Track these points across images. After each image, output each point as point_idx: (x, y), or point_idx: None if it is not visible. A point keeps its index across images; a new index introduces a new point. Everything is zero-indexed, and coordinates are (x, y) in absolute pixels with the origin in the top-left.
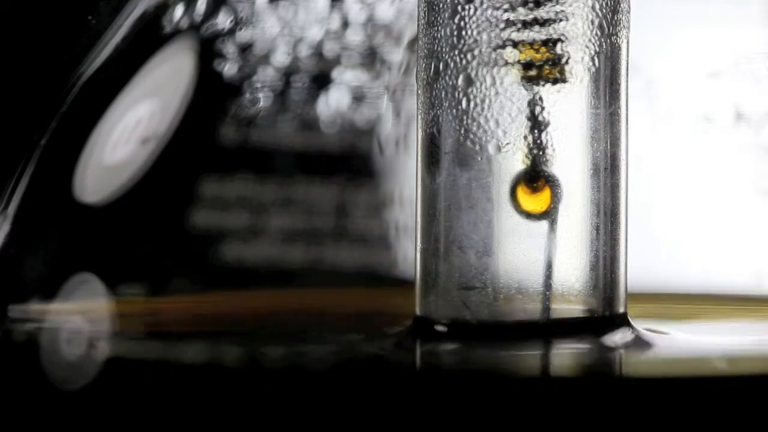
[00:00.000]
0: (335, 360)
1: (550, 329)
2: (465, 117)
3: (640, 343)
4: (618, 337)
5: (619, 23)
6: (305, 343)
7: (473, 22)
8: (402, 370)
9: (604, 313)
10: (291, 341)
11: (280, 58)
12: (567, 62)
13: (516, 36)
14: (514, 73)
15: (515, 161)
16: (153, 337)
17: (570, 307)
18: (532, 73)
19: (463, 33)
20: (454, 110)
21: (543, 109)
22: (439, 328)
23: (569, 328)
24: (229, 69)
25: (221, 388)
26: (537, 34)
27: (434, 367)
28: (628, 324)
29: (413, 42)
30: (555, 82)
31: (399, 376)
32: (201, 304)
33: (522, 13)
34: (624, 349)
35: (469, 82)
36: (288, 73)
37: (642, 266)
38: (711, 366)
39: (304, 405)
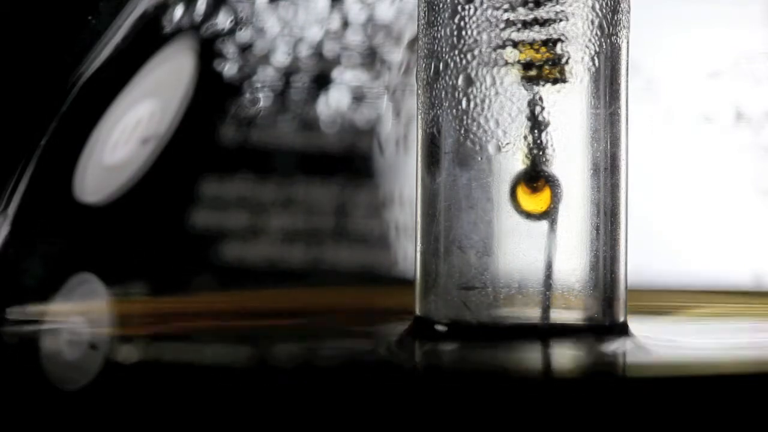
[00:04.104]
0: (335, 360)
1: (549, 329)
2: (465, 117)
3: (638, 343)
4: (617, 338)
5: (619, 23)
6: (305, 344)
7: (473, 22)
8: (402, 370)
9: (604, 314)
10: (291, 341)
11: (280, 58)
12: (567, 62)
13: (516, 36)
14: (514, 73)
15: (515, 161)
16: (152, 338)
17: (570, 307)
18: (532, 73)
19: (463, 33)
20: (454, 110)
21: (543, 109)
22: (439, 328)
23: (569, 328)
24: (229, 69)
25: (220, 389)
26: (537, 34)
27: (434, 367)
28: (627, 324)
29: (413, 42)
30: (555, 82)
31: (398, 376)
32: (201, 304)
33: (522, 13)
34: (623, 349)
35: (469, 82)
36: (288, 73)
37: (642, 265)
38: (710, 368)
39: (304, 405)
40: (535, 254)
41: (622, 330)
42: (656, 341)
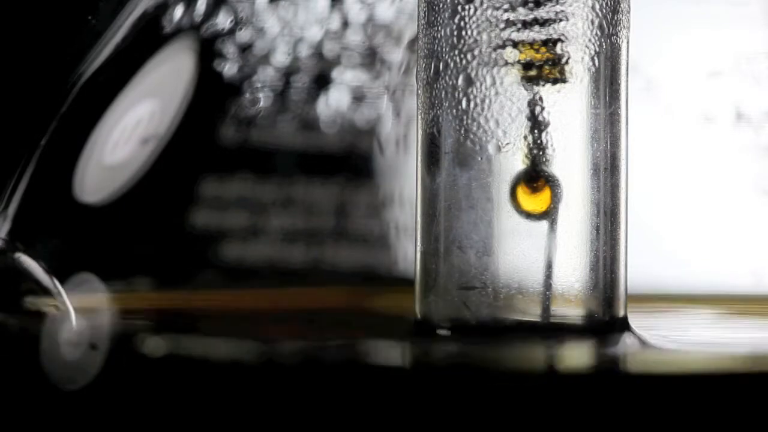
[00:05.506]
0: (334, 360)
1: (549, 329)
2: (465, 117)
3: (639, 343)
4: (617, 338)
5: (619, 23)
6: (305, 343)
7: (473, 22)
8: (401, 370)
9: (604, 314)
10: (290, 341)
11: (280, 58)
12: (567, 62)
13: (516, 36)
14: (514, 73)
15: (515, 161)
16: (152, 337)
17: (570, 307)
18: (532, 73)
19: (463, 33)
20: (454, 110)
21: (543, 109)
22: (439, 328)
23: (569, 328)
24: (229, 69)
25: (220, 389)
26: (537, 34)
27: (434, 367)
28: (627, 324)
29: (413, 42)
30: (555, 82)
31: (398, 376)
32: (201, 303)
33: (522, 13)
34: (623, 349)
35: (469, 82)
36: (288, 73)
37: (642, 266)
38: (708, 367)
39: (303, 405)
40: (535, 254)
41: (622, 328)
42: (656, 340)
